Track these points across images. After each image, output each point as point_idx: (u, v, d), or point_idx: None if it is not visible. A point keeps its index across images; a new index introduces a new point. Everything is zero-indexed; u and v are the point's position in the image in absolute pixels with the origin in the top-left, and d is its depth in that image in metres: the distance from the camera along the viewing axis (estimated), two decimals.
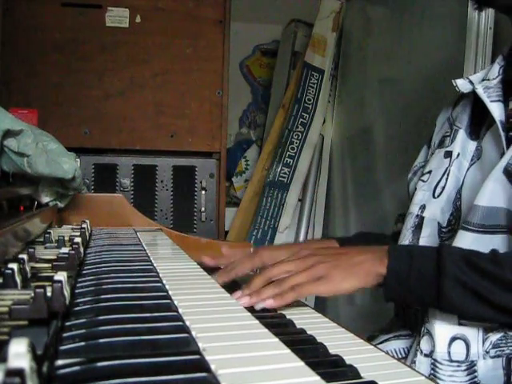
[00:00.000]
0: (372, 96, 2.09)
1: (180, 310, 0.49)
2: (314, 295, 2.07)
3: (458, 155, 0.86)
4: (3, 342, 0.30)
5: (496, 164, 0.76)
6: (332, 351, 0.52)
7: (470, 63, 1.43)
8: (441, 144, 0.92)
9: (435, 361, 0.75)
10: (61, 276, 0.44)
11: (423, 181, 0.90)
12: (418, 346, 0.77)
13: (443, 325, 0.75)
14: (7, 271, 0.48)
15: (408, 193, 0.97)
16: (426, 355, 0.76)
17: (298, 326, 0.61)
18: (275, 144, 2.36)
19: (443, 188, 0.86)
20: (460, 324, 0.74)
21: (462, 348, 0.74)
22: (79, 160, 1.14)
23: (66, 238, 0.79)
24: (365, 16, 2.20)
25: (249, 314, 0.53)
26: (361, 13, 2.22)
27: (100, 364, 0.33)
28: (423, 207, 0.88)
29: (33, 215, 0.89)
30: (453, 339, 0.75)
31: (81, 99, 1.76)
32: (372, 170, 2.03)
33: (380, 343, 0.87)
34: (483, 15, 1.43)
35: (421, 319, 0.80)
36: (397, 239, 0.93)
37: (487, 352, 0.73)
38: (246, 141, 2.90)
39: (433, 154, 0.92)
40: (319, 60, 2.32)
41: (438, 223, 0.85)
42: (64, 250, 0.64)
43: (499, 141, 0.79)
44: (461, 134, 0.87)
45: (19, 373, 0.25)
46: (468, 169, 0.84)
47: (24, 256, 0.56)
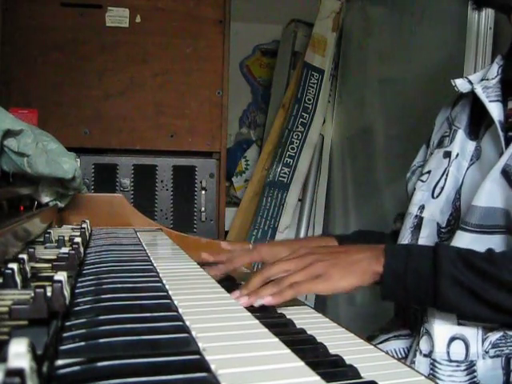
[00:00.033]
0: (372, 96, 2.09)
1: (180, 310, 0.49)
2: (314, 294, 2.08)
3: (457, 155, 0.86)
4: (3, 342, 0.30)
5: (495, 164, 0.76)
6: (332, 351, 0.52)
7: (470, 63, 1.43)
8: (440, 144, 0.91)
9: (434, 361, 0.75)
10: (61, 276, 0.44)
11: (422, 181, 0.90)
12: (418, 346, 0.77)
13: (442, 325, 0.75)
14: (7, 271, 0.48)
15: (407, 192, 0.97)
16: (425, 355, 0.76)
17: (298, 326, 0.61)
18: (275, 144, 2.36)
19: (442, 188, 0.86)
20: (459, 324, 0.74)
21: (462, 348, 0.74)
22: (79, 160, 1.14)
23: (66, 238, 0.79)
24: (365, 16, 2.19)
25: (249, 314, 0.53)
26: (361, 13, 2.22)
27: (100, 364, 0.34)
28: (422, 207, 0.87)
29: (33, 215, 0.89)
30: (452, 339, 0.75)
31: (81, 99, 1.77)
32: (372, 170, 2.03)
33: (380, 343, 0.87)
34: (483, 15, 1.43)
35: (420, 319, 0.80)
36: (395, 238, 0.93)
37: (486, 352, 0.73)
38: (246, 141, 2.90)
39: (432, 154, 0.92)
40: (319, 60, 2.32)
41: (437, 223, 0.85)
42: (64, 250, 0.64)
43: (498, 141, 0.79)
44: (460, 134, 0.87)
45: (19, 373, 0.25)
46: (467, 169, 0.84)
47: (24, 256, 0.56)
